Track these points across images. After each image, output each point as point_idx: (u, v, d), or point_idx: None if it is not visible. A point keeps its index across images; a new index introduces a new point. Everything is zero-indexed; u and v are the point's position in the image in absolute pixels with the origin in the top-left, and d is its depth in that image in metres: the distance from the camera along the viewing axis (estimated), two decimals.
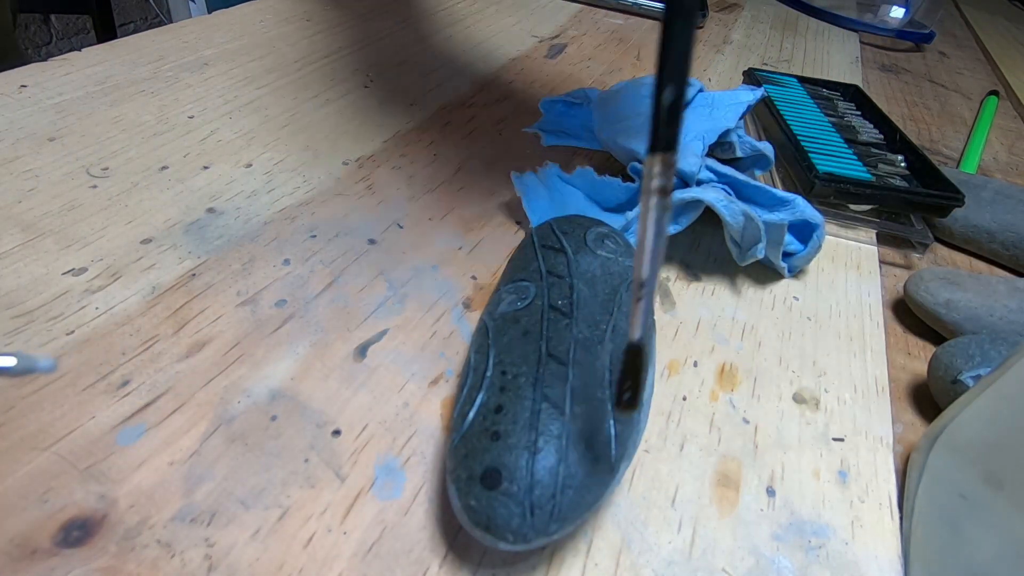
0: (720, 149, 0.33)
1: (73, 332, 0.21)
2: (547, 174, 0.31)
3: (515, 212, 0.32)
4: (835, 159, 0.39)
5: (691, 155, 0.30)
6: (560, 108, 0.40)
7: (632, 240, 0.27)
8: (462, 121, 0.39)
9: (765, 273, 0.31)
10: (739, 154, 0.33)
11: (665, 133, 0.13)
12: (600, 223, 0.25)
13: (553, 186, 0.31)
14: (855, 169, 0.38)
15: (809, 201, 0.30)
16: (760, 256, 0.29)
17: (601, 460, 0.17)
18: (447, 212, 0.31)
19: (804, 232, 0.31)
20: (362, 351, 0.23)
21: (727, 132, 0.32)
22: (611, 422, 0.17)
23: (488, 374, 0.18)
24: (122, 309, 0.23)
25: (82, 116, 0.32)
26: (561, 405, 0.17)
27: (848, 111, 0.48)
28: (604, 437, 0.17)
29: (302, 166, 0.31)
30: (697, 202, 0.28)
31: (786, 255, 0.31)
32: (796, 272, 0.31)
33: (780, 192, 0.29)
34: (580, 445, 0.17)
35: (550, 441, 0.16)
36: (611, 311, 0.20)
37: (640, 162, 0.29)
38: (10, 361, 0.14)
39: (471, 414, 0.18)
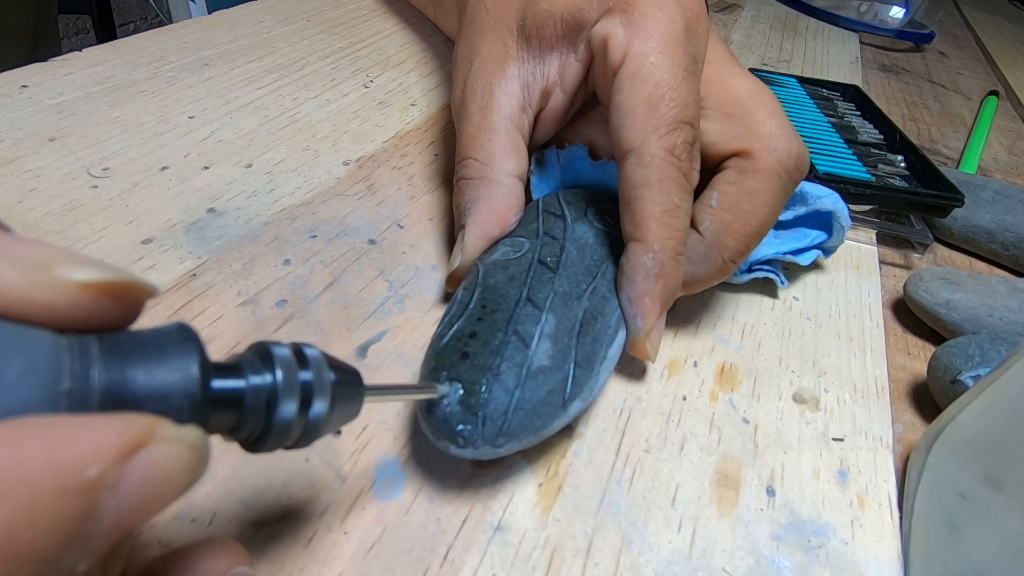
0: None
1: None
2: (570, 155, 0.28)
3: None
4: (835, 159, 0.39)
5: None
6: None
7: None
8: None
9: None
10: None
11: None
12: (605, 200, 0.26)
13: (570, 169, 0.29)
14: (855, 169, 0.38)
15: (821, 182, 0.29)
16: (758, 277, 0.29)
17: (555, 395, 0.19)
18: (447, 212, 0.31)
19: (822, 219, 0.30)
20: (362, 351, 0.23)
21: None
22: (572, 365, 0.19)
23: (470, 307, 0.20)
24: None
25: (83, 116, 0.32)
26: (529, 341, 0.19)
27: (848, 111, 0.48)
28: (562, 375, 0.19)
29: (302, 166, 0.32)
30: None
31: (815, 247, 0.30)
32: (831, 255, 0.31)
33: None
34: (539, 377, 0.18)
35: (512, 368, 0.18)
36: (594, 275, 0.22)
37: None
38: None
39: (447, 336, 0.19)
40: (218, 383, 0.11)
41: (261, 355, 0.12)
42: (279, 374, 0.12)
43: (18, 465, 0.08)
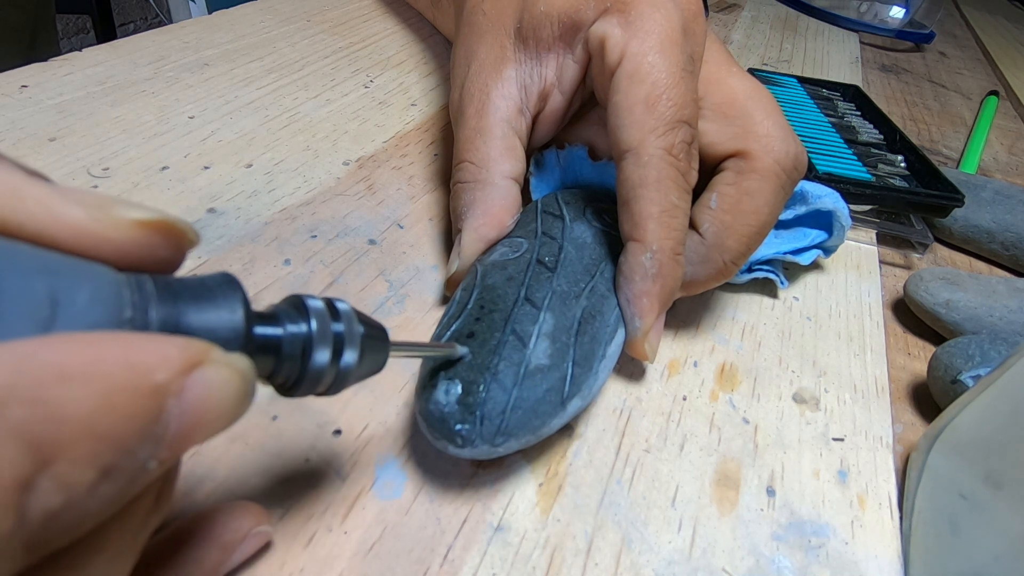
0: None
1: None
2: (570, 155, 0.28)
3: None
4: (835, 159, 0.39)
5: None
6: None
7: None
8: None
9: None
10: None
11: None
12: (603, 199, 0.26)
13: (571, 169, 0.28)
14: (855, 169, 0.38)
15: (821, 182, 0.29)
16: (758, 277, 0.29)
17: (554, 393, 0.19)
18: (447, 212, 0.30)
19: (822, 219, 0.30)
20: None
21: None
22: (570, 363, 0.19)
23: (468, 307, 0.20)
24: None
25: (83, 116, 0.32)
26: (526, 340, 0.19)
27: (848, 111, 0.48)
28: (560, 374, 0.19)
29: (302, 166, 0.32)
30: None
31: (815, 247, 0.30)
32: (831, 255, 0.31)
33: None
34: (537, 376, 0.18)
35: (510, 367, 0.18)
36: (593, 274, 0.22)
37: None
38: None
39: (445, 336, 0.19)
40: (259, 329, 0.12)
41: (296, 307, 0.13)
42: (314, 324, 0.13)
43: (99, 361, 0.09)
